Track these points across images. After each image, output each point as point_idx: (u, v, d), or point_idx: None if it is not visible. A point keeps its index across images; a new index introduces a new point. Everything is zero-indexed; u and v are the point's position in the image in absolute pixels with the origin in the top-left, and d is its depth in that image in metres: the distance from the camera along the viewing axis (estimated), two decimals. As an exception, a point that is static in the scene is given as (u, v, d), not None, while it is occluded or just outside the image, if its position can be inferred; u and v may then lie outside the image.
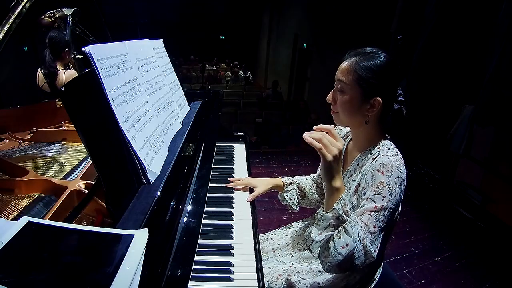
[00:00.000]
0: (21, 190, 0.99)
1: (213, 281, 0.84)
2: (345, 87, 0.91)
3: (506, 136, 2.93)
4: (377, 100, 0.89)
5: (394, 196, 0.82)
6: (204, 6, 11.64)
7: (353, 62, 0.90)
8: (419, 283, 2.08)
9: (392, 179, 0.83)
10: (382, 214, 0.81)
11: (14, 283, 0.47)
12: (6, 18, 1.17)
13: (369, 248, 0.79)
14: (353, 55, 0.92)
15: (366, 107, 0.91)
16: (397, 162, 0.86)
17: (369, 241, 0.80)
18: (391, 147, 0.93)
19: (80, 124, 0.70)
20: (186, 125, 1.27)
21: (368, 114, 0.92)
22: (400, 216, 1.03)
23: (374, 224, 0.81)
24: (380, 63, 0.89)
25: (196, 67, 11.17)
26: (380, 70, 0.89)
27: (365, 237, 0.79)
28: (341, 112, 0.94)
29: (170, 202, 0.79)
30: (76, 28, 1.97)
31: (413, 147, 3.99)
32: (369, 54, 0.91)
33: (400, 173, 0.84)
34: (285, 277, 1.04)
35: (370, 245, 0.79)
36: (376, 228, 0.81)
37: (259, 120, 6.50)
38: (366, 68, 0.89)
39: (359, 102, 0.91)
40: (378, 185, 0.83)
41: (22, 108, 1.43)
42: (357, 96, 0.90)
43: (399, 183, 0.83)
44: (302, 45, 8.37)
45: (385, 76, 0.90)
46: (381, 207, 0.81)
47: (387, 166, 0.84)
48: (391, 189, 0.82)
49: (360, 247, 0.78)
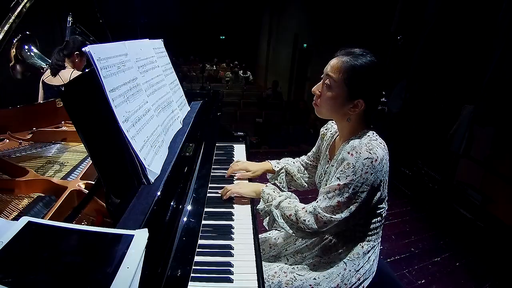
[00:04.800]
0: (21, 190, 0.99)
1: (213, 282, 0.84)
2: (332, 84, 0.96)
3: (506, 136, 2.93)
4: (360, 102, 0.94)
5: (360, 175, 0.87)
6: (204, 6, 11.63)
7: (344, 61, 0.94)
8: (419, 283, 2.08)
9: (360, 160, 0.87)
10: (346, 191, 0.89)
11: (14, 283, 0.47)
12: (6, 18, 1.17)
13: (324, 214, 0.91)
14: (344, 54, 0.95)
15: (349, 106, 0.96)
16: (370, 145, 0.89)
17: (330, 211, 0.91)
18: (372, 135, 0.96)
19: (80, 124, 0.70)
20: (186, 125, 1.27)
21: (350, 113, 0.96)
22: (400, 216, 1.04)
23: (338, 200, 0.90)
24: (367, 66, 0.92)
25: (196, 67, 11.16)
26: (367, 72, 0.92)
27: (323, 207, 0.92)
28: (324, 106, 1.00)
29: (170, 202, 0.79)
30: (76, 28, 1.98)
31: (413, 147, 4.00)
32: (360, 57, 0.93)
33: (371, 154, 0.87)
34: (281, 274, 1.04)
35: (330, 214, 0.91)
36: (340, 203, 0.90)
37: (259, 120, 6.50)
38: (354, 69, 0.92)
39: (343, 100, 0.96)
40: (345, 165, 0.90)
41: (22, 108, 1.43)
42: (342, 95, 0.95)
43: (367, 164, 0.87)
44: (302, 45, 8.37)
45: (370, 80, 0.93)
46: (344, 184, 0.89)
47: (356, 148, 0.89)
48: (356, 169, 0.87)
49: (307, 215, 0.94)
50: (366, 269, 1.02)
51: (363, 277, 1.02)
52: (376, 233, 1.03)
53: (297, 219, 0.96)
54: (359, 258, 1.01)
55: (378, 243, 1.06)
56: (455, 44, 3.57)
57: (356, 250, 1.01)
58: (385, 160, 0.91)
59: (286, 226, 0.99)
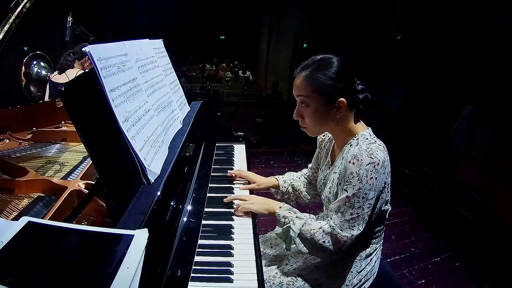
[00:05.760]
0: (21, 190, 0.98)
1: (213, 282, 0.84)
2: (307, 100, 0.96)
3: (506, 136, 2.93)
4: (341, 101, 0.93)
5: (366, 181, 0.87)
6: (204, 6, 11.63)
7: (304, 76, 0.94)
8: (419, 283, 2.08)
9: (362, 167, 0.87)
10: (356, 200, 0.88)
11: (14, 283, 0.47)
12: (6, 18, 1.17)
13: (343, 234, 0.89)
14: (300, 70, 0.96)
15: (333, 111, 0.95)
16: (370, 149, 0.89)
17: (347, 227, 0.90)
18: (369, 136, 0.96)
19: (80, 124, 0.70)
20: (186, 125, 1.27)
21: (337, 116, 0.96)
22: (400, 216, 1.05)
23: (351, 212, 0.89)
24: (329, 67, 0.93)
25: (196, 67, 11.16)
26: (331, 73, 0.93)
27: (339, 225, 0.90)
28: (312, 124, 0.99)
29: (170, 202, 0.79)
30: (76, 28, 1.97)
31: (413, 147, 4.00)
32: (314, 64, 0.94)
33: (372, 158, 0.87)
34: (282, 275, 1.04)
35: (348, 230, 0.89)
36: (354, 214, 0.89)
37: (259, 120, 6.50)
38: (317, 77, 0.92)
39: (325, 109, 0.95)
40: (349, 175, 0.89)
41: (22, 108, 1.42)
42: (321, 104, 0.94)
43: (371, 169, 0.87)
44: (302, 45, 8.37)
45: (338, 77, 0.93)
46: (353, 195, 0.88)
47: (357, 156, 0.88)
48: (361, 177, 0.87)
49: (325, 236, 0.91)
50: (367, 270, 1.02)
51: (365, 278, 1.02)
52: (379, 235, 1.03)
53: (316, 241, 0.93)
54: (361, 260, 1.01)
55: (380, 245, 1.06)
56: (455, 44, 3.57)
57: (359, 252, 1.01)
58: (387, 162, 0.90)
59: (305, 249, 0.96)
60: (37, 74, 2.09)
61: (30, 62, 2.05)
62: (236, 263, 0.90)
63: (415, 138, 4.04)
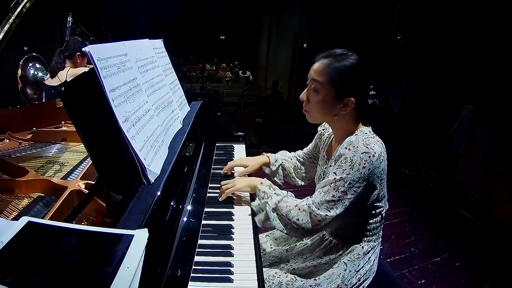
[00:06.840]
0: (21, 190, 0.99)
1: (213, 282, 0.84)
2: (319, 87, 0.95)
3: (506, 136, 2.93)
4: (351, 100, 0.94)
5: (358, 169, 0.86)
6: (204, 6, 11.63)
7: (326, 64, 0.94)
8: (419, 283, 2.08)
9: (357, 154, 0.87)
10: (342, 184, 0.88)
11: (14, 283, 0.47)
12: (6, 18, 1.17)
13: (319, 212, 0.89)
14: (324, 57, 0.96)
15: (339, 107, 0.95)
16: (367, 140, 0.89)
17: (324, 207, 0.89)
18: (368, 132, 0.97)
19: (80, 124, 0.70)
20: (186, 125, 1.27)
21: (341, 113, 0.96)
22: (400, 216, 1.04)
23: (333, 194, 0.89)
24: (350, 65, 0.92)
25: (196, 67, 11.16)
26: (351, 71, 0.92)
27: (318, 203, 0.90)
28: (314, 110, 0.99)
29: (170, 202, 0.79)
30: (76, 28, 1.98)
31: (413, 147, 4.00)
32: (340, 56, 0.94)
33: (368, 149, 0.87)
34: (281, 275, 1.04)
35: (324, 210, 0.89)
36: (336, 197, 0.88)
37: (259, 120, 6.49)
38: (338, 70, 0.92)
39: (332, 102, 0.95)
40: (342, 160, 0.89)
41: (22, 108, 1.43)
42: (331, 96, 0.95)
43: (365, 158, 0.86)
44: (302, 45, 8.36)
45: (356, 77, 0.93)
46: (340, 178, 0.88)
47: (353, 143, 0.89)
48: (353, 163, 0.87)
49: (300, 214, 0.92)
50: (366, 269, 1.02)
51: (364, 277, 1.02)
52: (376, 233, 1.03)
53: (290, 218, 0.94)
54: (360, 258, 1.01)
55: (379, 243, 1.06)
56: (455, 44, 3.57)
57: (357, 251, 1.01)
58: (383, 157, 0.90)
59: (280, 226, 0.97)
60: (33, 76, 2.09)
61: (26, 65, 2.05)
62: (236, 263, 0.90)
63: (415, 138, 4.04)
